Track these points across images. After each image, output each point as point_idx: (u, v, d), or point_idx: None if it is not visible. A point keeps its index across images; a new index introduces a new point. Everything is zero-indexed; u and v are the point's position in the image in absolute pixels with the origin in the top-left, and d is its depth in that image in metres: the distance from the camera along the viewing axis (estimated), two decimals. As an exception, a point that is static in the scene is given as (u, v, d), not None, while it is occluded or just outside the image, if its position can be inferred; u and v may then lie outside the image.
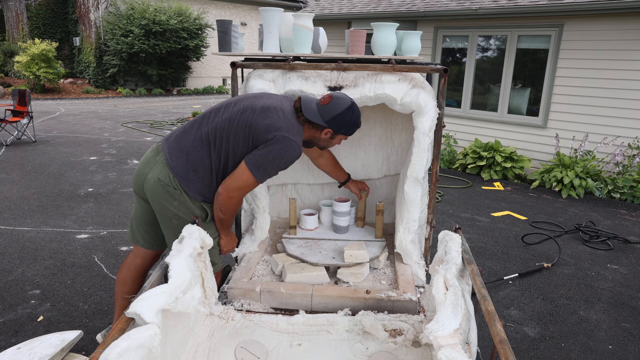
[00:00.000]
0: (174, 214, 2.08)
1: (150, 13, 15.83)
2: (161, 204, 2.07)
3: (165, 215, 2.10)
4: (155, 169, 2.06)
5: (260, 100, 2.05)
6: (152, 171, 2.07)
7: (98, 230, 4.48)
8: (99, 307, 3.14)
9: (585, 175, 6.08)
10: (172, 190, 2.04)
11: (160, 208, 2.09)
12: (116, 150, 8.13)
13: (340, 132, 2.06)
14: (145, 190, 2.10)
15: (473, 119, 7.52)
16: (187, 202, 2.06)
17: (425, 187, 2.39)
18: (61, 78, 16.86)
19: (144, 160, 2.13)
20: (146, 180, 2.08)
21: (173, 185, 2.03)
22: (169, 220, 2.12)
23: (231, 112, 2.03)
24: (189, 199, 2.06)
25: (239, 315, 1.99)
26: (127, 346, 1.24)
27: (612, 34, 5.98)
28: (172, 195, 2.05)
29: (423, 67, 2.21)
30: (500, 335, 1.31)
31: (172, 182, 2.03)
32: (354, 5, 8.70)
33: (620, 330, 3.07)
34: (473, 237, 4.60)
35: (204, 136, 2.02)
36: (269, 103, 2.02)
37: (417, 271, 2.35)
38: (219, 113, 2.06)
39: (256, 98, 2.07)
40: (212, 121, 2.04)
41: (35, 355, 2.19)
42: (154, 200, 2.09)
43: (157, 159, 2.08)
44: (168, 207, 2.07)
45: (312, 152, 2.54)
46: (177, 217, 2.09)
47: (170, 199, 2.05)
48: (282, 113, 1.99)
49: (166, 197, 2.05)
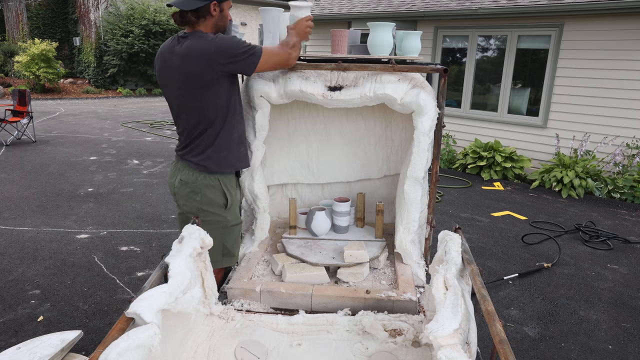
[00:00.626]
0: (199, 209, 2.15)
1: (150, 13, 15.83)
2: (187, 202, 2.15)
3: (193, 213, 2.17)
4: (178, 173, 2.16)
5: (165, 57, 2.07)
6: (176, 176, 2.17)
7: (98, 230, 4.48)
8: (99, 307, 3.14)
9: (585, 175, 6.08)
10: (193, 185, 2.12)
11: (187, 206, 2.17)
12: (116, 150, 8.13)
13: None
14: (175, 195, 2.21)
15: (473, 119, 7.52)
16: (209, 193, 2.13)
17: (425, 187, 2.39)
18: (61, 78, 16.86)
19: (169, 173, 2.26)
20: (174, 186, 2.19)
21: (192, 179, 2.12)
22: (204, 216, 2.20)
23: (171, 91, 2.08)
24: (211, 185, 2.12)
25: (239, 315, 2.00)
26: (127, 346, 1.24)
27: (612, 34, 5.98)
28: (195, 190, 2.12)
29: (423, 67, 2.21)
30: (500, 335, 1.31)
31: (191, 177, 2.12)
32: (354, 5, 8.70)
33: (620, 330, 3.07)
34: (473, 237, 4.60)
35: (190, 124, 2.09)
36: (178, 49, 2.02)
37: (417, 271, 2.35)
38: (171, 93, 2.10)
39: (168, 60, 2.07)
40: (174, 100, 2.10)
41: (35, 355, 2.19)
42: (182, 200, 2.18)
43: (177, 166, 2.19)
44: (193, 204, 2.14)
45: None
46: (203, 212, 2.15)
47: (193, 195, 2.13)
48: (193, 37, 2.00)
49: (190, 195, 2.14)
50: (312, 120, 2.85)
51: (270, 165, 2.85)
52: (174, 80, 2.04)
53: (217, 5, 2.02)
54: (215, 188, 2.14)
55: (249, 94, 2.32)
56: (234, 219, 2.25)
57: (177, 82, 2.03)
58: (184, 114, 2.09)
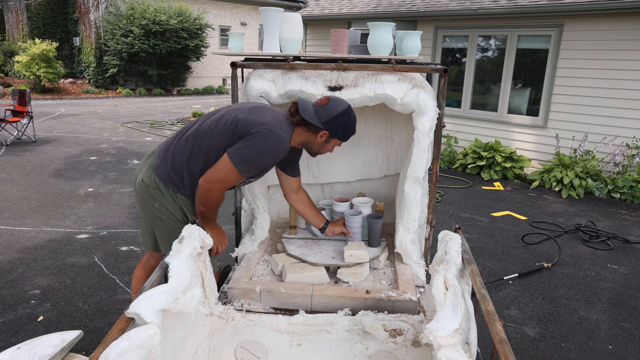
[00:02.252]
0: (157, 216, 2.11)
1: (150, 13, 15.83)
2: (144, 205, 2.12)
3: (149, 216, 2.14)
4: (142, 171, 2.11)
5: (251, 104, 2.07)
6: (140, 174, 2.12)
7: (98, 230, 4.48)
8: (99, 307, 3.14)
9: (585, 175, 6.08)
10: (152, 191, 2.07)
11: (144, 209, 2.13)
12: (116, 150, 8.13)
13: (337, 135, 2.00)
14: (135, 191, 2.16)
15: (473, 119, 7.52)
16: (167, 204, 2.09)
17: (425, 187, 2.39)
18: (61, 78, 16.85)
19: (139, 165, 2.20)
20: (136, 182, 2.14)
21: (153, 185, 2.06)
22: (153, 222, 2.16)
23: (219, 114, 2.05)
24: (170, 199, 2.08)
25: (239, 315, 1.99)
26: (127, 346, 1.24)
27: (612, 34, 5.98)
28: (153, 196, 2.08)
29: (423, 67, 2.21)
30: (500, 335, 1.31)
31: (153, 182, 2.06)
32: (354, 5, 8.70)
33: (620, 330, 3.07)
34: (473, 237, 4.60)
35: (189, 136, 2.05)
36: (259, 105, 2.03)
37: (417, 271, 2.35)
38: (208, 117, 2.08)
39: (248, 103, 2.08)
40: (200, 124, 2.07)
41: (35, 355, 2.19)
42: (139, 202, 2.14)
43: (146, 162, 2.13)
44: (150, 209, 2.11)
45: (290, 192, 2.37)
46: (160, 219, 2.12)
47: (151, 200, 2.09)
48: (271, 112, 1.98)
49: (148, 199, 2.09)
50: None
51: (270, 165, 2.85)
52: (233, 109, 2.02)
53: (326, 135, 1.99)
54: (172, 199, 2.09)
55: (248, 93, 2.32)
56: None
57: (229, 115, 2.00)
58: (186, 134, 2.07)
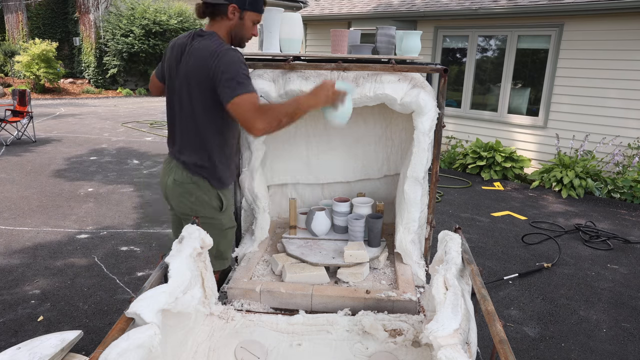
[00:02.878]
0: (192, 210, 2.11)
1: (150, 13, 15.83)
2: (180, 202, 2.11)
3: (184, 212, 2.13)
4: (171, 173, 2.11)
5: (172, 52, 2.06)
6: (169, 176, 2.11)
7: (98, 230, 4.48)
8: (99, 307, 3.14)
9: (585, 175, 6.08)
10: (187, 186, 2.07)
11: (179, 206, 2.13)
12: (116, 150, 8.13)
13: (246, 6, 1.91)
14: (167, 195, 2.16)
15: (473, 119, 7.52)
16: (204, 195, 2.09)
17: (425, 187, 2.39)
18: (61, 78, 16.85)
19: (162, 172, 2.20)
20: (167, 186, 2.13)
21: (187, 180, 2.07)
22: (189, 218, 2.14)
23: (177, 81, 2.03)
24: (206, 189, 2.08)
25: (239, 315, 1.99)
26: (127, 346, 1.24)
27: (612, 34, 5.98)
28: (189, 191, 2.08)
29: (423, 67, 2.21)
30: (500, 335, 1.31)
31: (186, 178, 2.07)
32: (354, 5, 8.70)
33: (620, 330, 3.07)
34: (473, 237, 4.60)
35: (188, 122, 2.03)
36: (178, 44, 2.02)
37: (417, 271, 2.35)
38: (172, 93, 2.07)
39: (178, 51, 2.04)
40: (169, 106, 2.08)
41: (35, 355, 2.19)
42: (174, 201, 2.13)
43: (171, 165, 2.13)
44: (186, 204, 2.10)
45: None
46: (196, 212, 2.11)
47: (187, 196, 2.09)
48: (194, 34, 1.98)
49: (184, 195, 2.09)
50: (313, 120, 2.85)
51: (270, 165, 2.85)
52: (177, 76, 2.01)
53: (236, 10, 1.91)
54: (209, 190, 2.10)
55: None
56: (229, 222, 2.21)
57: (180, 78, 1.99)
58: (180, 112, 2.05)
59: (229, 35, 2.00)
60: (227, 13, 1.93)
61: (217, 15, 1.94)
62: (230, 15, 1.93)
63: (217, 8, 1.93)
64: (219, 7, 1.92)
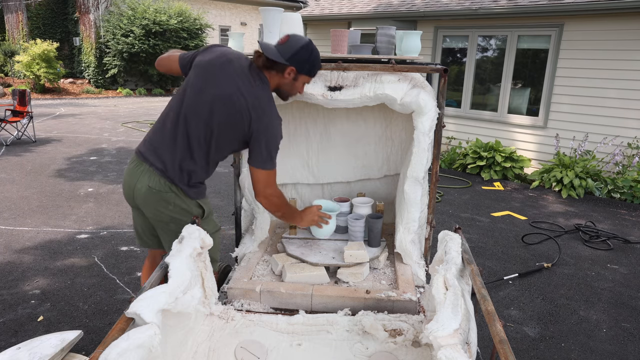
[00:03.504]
0: (172, 218, 2.08)
1: (150, 13, 15.83)
2: (156, 210, 2.07)
3: (162, 220, 2.10)
4: (143, 178, 2.04)
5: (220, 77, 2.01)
6: (139, 181, 2.05)
7: (98, 230, 4.48)
8: (99, 307, 3.14)
9: (585, 175, 6.08)
10: (166, 195, 2.03)
11: (156, 214, 2.09)
12: (116, 150, 8.13)
13: (303, 71, 2.01)
14: (136, 200, 2.10)
15: (473, 119, 7.52)
16: (182, 204, 2.06)
17: (425, 187, 2.39)
18: (61, 78, 16.85)
19: (128, 172, 2.12)
20: (136, 190, 2.07)
21: (165, 189, 2.02)
22: (167, 225, 2.12)
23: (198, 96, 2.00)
24: (185, 198, 2.06)
25: (239, 315, 1.99)
26: (127, 346, 1.24)
27: (612, 34, 5.98)
28: (167, 199, 2.04)
29: (423, 67, 2.21)
30: (500, 335, 1.31)
31: (165, 186, 2.02)
32: (354, 5, 8.70)
33: (620, 330, 3.07)
34: (473, 237, 4.60)
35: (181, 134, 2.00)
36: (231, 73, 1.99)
37: (417, 271, 2.35)
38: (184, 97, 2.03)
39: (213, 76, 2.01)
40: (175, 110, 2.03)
41: (35, 355, 2.19)
42: (148, 208, 2.08)
43: (141, 169, 2.06)
44: (164, 212, 2.06)
45: None
46: (175, 221, 2.08)
47: (165, 204, 2.05)
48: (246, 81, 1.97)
49: (161, 203, 2.05)
50: (312, 120, 2.86)
51: (270, 165, 2.85)
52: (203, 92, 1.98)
53: (293, 72, 2.01)
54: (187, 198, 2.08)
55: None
56: (213, 227, 2.20)
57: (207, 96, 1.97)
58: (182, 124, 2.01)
59: (278, 88, 2.09)
60: (284, 72, 2.01)
61: (274, 69, 2.01)
62: (286, 75, 2.02)
63: (277, 65, 2.00)
64: (278, 64, 1.99)
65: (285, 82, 2.04)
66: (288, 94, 2.11)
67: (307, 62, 2.01)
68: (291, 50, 1.97)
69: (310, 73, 2.05)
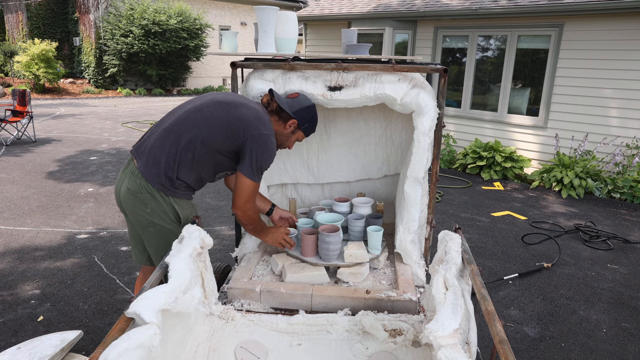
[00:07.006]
0: (149, 221, 2.08)
1: (150, 13, 15.83)
2: (135, 213, 2.08)
3: (142, 224, 2.10)
4: (126, 180, 2.07)
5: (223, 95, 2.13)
6: (123, 184, 2.08)
7: (98, 230, 4.48)
8: (99, 307, 3.14)
9: (585, 175, 6.08)
10: (142, 196, 2.03)
11: (135, 217, 2.09)
12: (116, 150, 8.13)
13: (303, 127, 2.16)
14: (123, 204, 2.12)
15: (473, 119, 7.52)
16: (159, 206, 2.05)
17: (425, 187, 2.39)
18: (61, 78, 16.85)
19: (118, 177, 2.16)
20: (120, 194, 2.10)
21: (141, 189, 2.02)
22: (146, 229, 2.11)
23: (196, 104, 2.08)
24: (162, 200, 2.04)
25: (239, 315, 1.99)
26: (126, 346, 1.24)
27: (612, 34, 5.98)
28: (143, 201, 2.03)
29: (423, 67, 2.21)
30: (500, 335, 1.31)
31: (140, 187, 2.02)
32: (354, 5, 8.70)
33: (620, 330, 3.07)
34: (473, 237, 4.60)
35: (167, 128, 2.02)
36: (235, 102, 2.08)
37: (417, 271, 2.35)
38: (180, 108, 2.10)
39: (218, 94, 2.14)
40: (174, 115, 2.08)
41: (35, 355, 2.19)
42: (129, 211, 2.10)
43: (126, 171, 2.09)
44: (142, 215, 2.06)
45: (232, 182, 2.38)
46: (153, 224, 2.08)
47: (142, 207, 2.05)
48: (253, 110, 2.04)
49: (138, 205, 2.05)
50: (312, 120, 2.85)
51: (270, 165, 2.85)
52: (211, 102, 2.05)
53: (294, 125, 2.14)
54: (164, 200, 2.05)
55: (248, 93, 2.32)
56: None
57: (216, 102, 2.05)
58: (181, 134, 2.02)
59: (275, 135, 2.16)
60: (286, 123, 2.13)
61: (278, 116, 2.14)
62: (287, 126, 2.14)
63: (283, 113, 2.12)
64: (284, 114, 2.12)
65: (283, 133, 2.16)
66: (280, 144, 2.21)
67: (308, 121, 2.16)
68: (299, 105, 2.13)
69: (307, 131, 2.21)
